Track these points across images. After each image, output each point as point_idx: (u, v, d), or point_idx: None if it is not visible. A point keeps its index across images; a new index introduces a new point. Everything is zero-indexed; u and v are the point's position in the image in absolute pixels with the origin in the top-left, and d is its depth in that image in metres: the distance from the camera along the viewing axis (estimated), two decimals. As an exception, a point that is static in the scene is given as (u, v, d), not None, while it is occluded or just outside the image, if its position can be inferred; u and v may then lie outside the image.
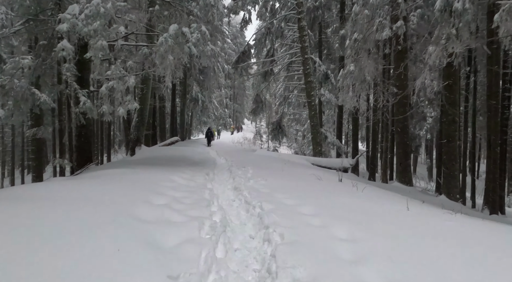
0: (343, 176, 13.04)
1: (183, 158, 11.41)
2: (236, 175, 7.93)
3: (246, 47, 20.10)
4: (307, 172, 8.95)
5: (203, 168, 8.87)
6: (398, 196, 6.51)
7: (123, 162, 9.88)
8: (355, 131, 18.14)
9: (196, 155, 13.30)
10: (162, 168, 7.86)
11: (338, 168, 15.96)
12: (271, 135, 21.28)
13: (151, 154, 12.36)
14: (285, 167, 10.17)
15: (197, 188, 5.78)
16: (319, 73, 19.14)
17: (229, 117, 49.80)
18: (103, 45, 7.05)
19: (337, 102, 20.15)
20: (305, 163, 15.41)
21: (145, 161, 9.52)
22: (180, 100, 26.15)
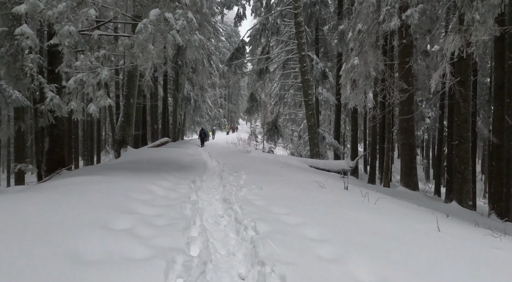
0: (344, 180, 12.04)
1: (170, 160, 10.32)
2: (227, 181, 6.87)
3: (241, 43, 19.04)
4: (307, 178, 7.91)
5: (190, 173, 7.80)
6: (417, 209, 5.49)
7: (102, 166, 8.76)
8: (354, 132, 17.16)
9: (186, 157, 12.21)
10: (143, 174, 6.78)
11: (337, 170, 14.97)
12: (267, 136, 20.23)
13: (136, 157, 11.25)
14: (282, 171, 9.13)
15: (178, 201, 4.71)
16: (316, 71, 18.15)
17: (223, 117, 48.70)
18: (70, 31, 5.95)
19: (335, 101, 19.20)
20: (303, 165, 14.41)
21: (127, 165, 8.43)
22: (172, 100, 25.03)
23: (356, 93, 8.72)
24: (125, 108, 13.03)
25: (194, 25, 7.43)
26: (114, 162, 10.38)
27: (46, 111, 6.95)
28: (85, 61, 6.08)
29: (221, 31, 28.10)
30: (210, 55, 23.66)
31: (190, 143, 24.40)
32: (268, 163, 11.50)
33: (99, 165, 9.26)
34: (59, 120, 7.66)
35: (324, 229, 3.70)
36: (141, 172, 7.09)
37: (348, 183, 7.44)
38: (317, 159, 17.10)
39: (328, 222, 3.98)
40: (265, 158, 14.18)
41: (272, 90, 38.94)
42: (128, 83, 12.90)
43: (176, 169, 8.17)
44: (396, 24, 8.00)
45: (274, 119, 20.28)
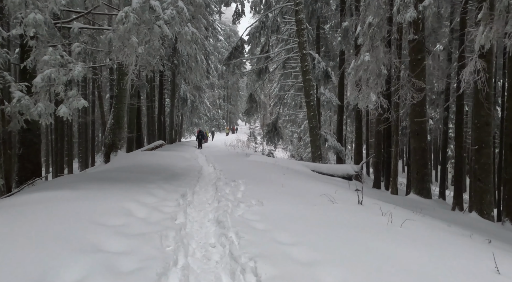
0: (349, 184, 11.07)
1: (162, 167, 9.35)
2: (223, 194, 5.90)
3: (239, 42, 18.08)
4: (313, 188, 6.95)
5: (182, 183, 6.82)
6: (451, 232, 4.52)
7: (82, 176, 7.77)
8: (358, 134, 16.20)
9: (180, 162, 11.24)
10: (126, 186, 5.80)
11: (342, 175, 14.02)
12: (266, 138, 19.27)
13: (126, 162, 10.27)
14: (285, 179, 8.16)
15: (159, 227, 3.74)
16: (318, 70, 17.21)
17: (222, 119, 47.69)
18: (36, 19, 4.98)
19: (338, 102, 18.23)
20: (305, 170, 13.46)
21: (111, 173, 7.45)
22: (170, 101, 24.07)
23: (366, 93, 7.77)
24: (115, 110, 12.05)
25: (186, 15, 6.46)
26: (100, 168, 9.40)
27: (15, 114, 5.98)
28: (54, 56, 5.10)
29: (220, 31, 27.15)
30: (207, 55, 22.70)
31: (187, 145, 23.42)
32: (269, 169, 10.54)
33: (79, 174, 8.27)
34: (33, 124, 6.69)
35: (347, 272, 2.74)
36: (125, 183, 6.11)
37: (358, 192, 6.50)
38: (319, 162, 16.18)
39: (351, 258, 3.02)
40: (265, 162, 13.21)
41: (272, 91, 37.95)
42: (119, 82, 11.93)
43: (166, 178, 7.19)
44: (412, 16, 7.06)
45: (274, 120, 19.32)
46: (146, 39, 6.01)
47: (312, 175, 11.09)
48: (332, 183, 9.65)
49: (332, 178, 12.48)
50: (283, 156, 25.72)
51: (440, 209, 8.97)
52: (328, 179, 11.60)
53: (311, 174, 11.48)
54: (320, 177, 11.66)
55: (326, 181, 10.18)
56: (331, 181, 10.45)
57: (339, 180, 12.52)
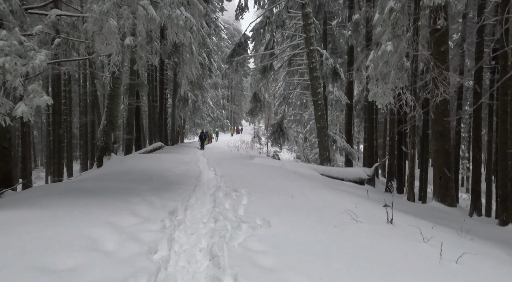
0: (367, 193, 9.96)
1: (156, 173, 8.29)
2: (221, 210, 4.81)
3: (242, 38, 16.99)
4: (329, 199, 5.83)
5: (174, 195, 5.74)
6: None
7: (60, 186, 6.71)
8: (369, 135, 15.03)
9: (178, 166, 10.18)
10: (105, 200, 4.75)
11: (353, 179, 12.89)
12: (271, 139, 18.16)
13: (117, 167, 9.24)
14: (294, 187, 7.07)
15: (127, 269, 2.66)
16: (326, 67, 16.07)
17: (226, 119, 46.67)
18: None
19: (347, 101, 17.09)
20: (314, 174, 12.36)
21: (94, 183, 6.39)
22: (172, 101, 23.05)
23: (387, 88, 6.64)
24: (108, 110, 11.02)
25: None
26: (85, 175, 8.37)
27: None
28: (11, 40, 4.05)
29: (223, 29, 26.12)
30: (210, 53, 21.64)
31: (189, 146, 22.38)
32: (275, 174, 9.44)
33: (57, 185, 7.18)
34: (2, 128, 5.64)
35: None
36: (105, 196, 5.05)
37: (386, 207, 5.40)
38: (328, 164, 15.06)
39: None
40: (271, 165, 12.11)
41: (276, 90, 36.82)
42: (113, 80, 10.90)
43: (157, 189, 6.12)
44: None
45: (280, 121, 18.20)
46: (129, 24, 4.93)
47: (323, 181, 9.97)
48: (348, 190, 8.53)
49: (343, 183, 11.36)
50: (288, 158, 24.60)
51: (477, 223, 7.82)
52: (340, 184, 10.48)
53: (322, 180, 10.37)
54: (331, 182, 10.54)
55: (339, 187, 9.06)
56: (345, 187, 9.33)
57: (351, 185, 11.40)
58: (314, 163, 24.06)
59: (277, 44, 18.69)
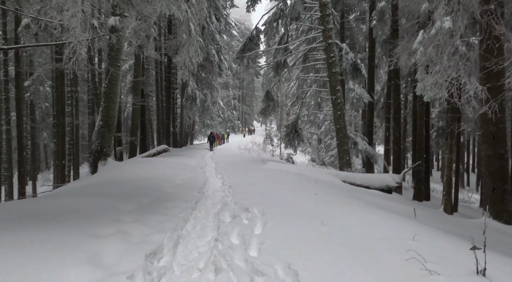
0: (391, 199, 8.36)
1: (154, 182, 6.87)
2: (225, 248, 3.32)
3: (254, 31, 15.52)
4: (373, 227, 4.27)
5: (165, 218, 4.28)
6: None
7: (18, 204, 5.30)
8: (396, 136, 13.32)
9: (181, 173, 8.74)
10: (66, 230, 3.34)
11: (379, 187, 11.25)
12: (285, 141, 16.62)
13: (110, 176, 7.86)
14: (320, 203, 5.54)
15: None
16: (346, 62, 14.48)
17: (237, 120, 45.28)
18: None
19: (369, 99, 15.43)
20: (335, 181, 10.79)
21: (67, 200, 4.98)
22: (180, 101, 21.75)
23: (441, 78, 5.02)
24: (104, 109, 9.67)
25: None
26: (64, 188, 7.00)
27: None
28: None
29: (233, 25, 24.72)
30: (219, 50, 20.24)
31: (197, 148, 21.00)
32: (292, 183, 7.91)
33: (11, 204, 5.72)
34: None
35: None
36: (65, 224, 3.61)
37: (475, 250, 3.81)
38: (348, 169, 13.44)
39: None
40: (286, 171, 10.57)
41: (289, 90, 35.25)
42: (109, 76, 9.54)
43: (145, 209, 4.66)
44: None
45: (294, 121, 16.65)
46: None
47: (348, 191, 8.38)
48: (384, 205, 6.92)
49: (371, 193, 9.75)
50: (302, 160, 22.98)
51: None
52: (368, 194, 8.87)
53: (346, 189, 8.77)
54: (357, 191, 8.94)
55: (370, 198, 7.46)
56: (377, 199, 7.72)
57: (380, 195, 9.78)
58: (330, 166, 22.41)
59: (291, 39, 17.14)
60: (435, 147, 18.53)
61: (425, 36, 5.20)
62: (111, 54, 9.45)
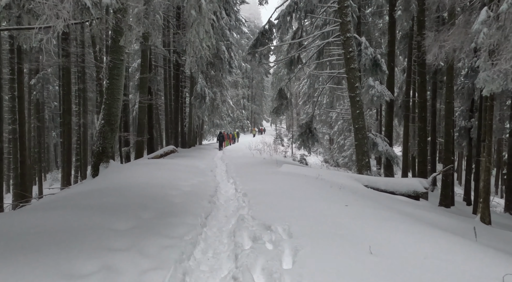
0: (426, 209, 7.33)
1: (157, 190, 5.95)
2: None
3: (267, 25, 14.54)
4: (434, 257, 3.27)
5: (170, 242, 3.33)
6: None
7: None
8: (422, 137, 12.20)
9: (190, 177, 7.82)
10: (49, 259, 2.41)
11: (406, 192, 10.18)
12: (299, 142, 15.61)
13: (111, 181, 6.97)
14: (354, 218, 4.55)
15: None
16: (365, 58, 13.38)
17: (246, 119, 44.34)
18: None
19: (391, 96, 14.31)
20: (356, 185, 9.76)
21: (46, 215, 4.07)
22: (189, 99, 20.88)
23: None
24: (106, 106, 8.80)
25: None
26: (66, 192, 6.10)
27: None
28: None
29: (244, 22, 23.76)
30: (230, 46, 19.29)
31: (207, 148, 20.10)
32: (315, 191, 6.91)
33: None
34: None
35: None
36: (51, 250, 2.69)
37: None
38: (367, 172, 12.39)
39: None
40: (304, 175, 9.58)
41: (300, 89, 34.17)
42: (111, 70, 8.68)
43: (143, 228, 3.72)
44: None
45: (308, 120, 15.62)
46: None
47: (376, 198, 7.35)
48: (426, 218, 5.88)
49: (401, 201, 8.69)
50: (315, 161, 21.91)
51: None
52: (398, 202, 7.81)
53: (374, 196, 7.74)
54: (385, 198, 7.90)
55: (405, 209, 6.42)
56: (411, 209, 6.68)
57: (409, 202, 8.73)
58: (344, 167, 21.33)
59: (305, 34, 16.11)
60: (458, 147, 17.31)
61: (490, 14, 4.16)
62: (113, 46, 8.57)
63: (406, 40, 19.03)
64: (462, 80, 15.35)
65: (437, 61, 9.83)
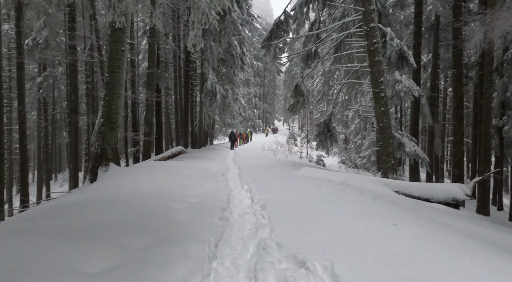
0: (465, 218, 6.07)
1: (162, 200, 4.86)
2: None
3: (282, 16, 13.34)
4: None
5: None
6: None
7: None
8: (458, 137, 10.83)
9: (198, 184, 6.72)
10: None
11: (444, 200, 8.86)
12: (316, 141, 14.38)
13: (110, 187, 5.93)
14: (414, 246, 3.36)
15: None
16: (390, 50, 12.09)
17: (258, 119, 43.17)
18: None
19: (420, 92, 12.96)
20: (386, 191, 8.53)
21: (31, 237, 3.01)
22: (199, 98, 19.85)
23: None
24: (105, 103, 7.75)
25: None
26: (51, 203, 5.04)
27: None
28: None
29: (256, 18, 22.61)
30: (242, 41, 18.17)
31: (218, 149, 19.02)
32: (347, 202, 5.71)
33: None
34: None
35: None
36: None
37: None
38: (393, 175, 11.11)
39: None
40: (327, 180, 8.37)
41: (314, 87, 32.82)
42: (111, 62, 7.64)
43: (136, 263, 2.62)
44: None
45: (327, 119, 14.37)
46: None
47: (423, 212, 6.09)
48: (485, 237, 4.64)
49: (440, 210, 7.42)
50: (331, 162, 20.61)
51: None
52: (443, 213, 6.54)
53: (418, 208, 6.48)
54: (430, 210, 6.63)
55: (467, 227, 5.17)
56: (463, 224, 5.42)
57: (447, 211, 7.45)
58: (362, 168, 20.01)
59: (323, 26, 14.84)
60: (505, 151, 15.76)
61: None
62: (113, 34, 7.53)
63: (430, 32, 17.64)
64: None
65: (479, 50, 8.52)
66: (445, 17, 15.22)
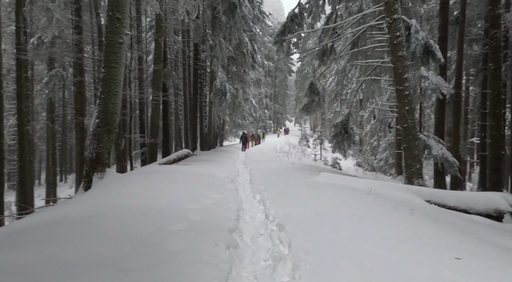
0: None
1: (157, 218, 3.93)
2: None
3: (297, 9, 12.31)
4: None
5: None
6: None
7: None
8: (496, 139, 9.61)
9: (203, 195, 5.76)
10: None
11: (485, 211, 7.69)
12: (333, 143, 13.30)
13: (102, 198, 5.03)
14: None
15: None
16: (415, 43, 10.94)
17: (269, 119, 42.13)
18: None
19: (450, 90, 11.75)
20: (416, 200, 7.45)
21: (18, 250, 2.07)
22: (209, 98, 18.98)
23: None
24: (101, 102, 6.87)
25: None
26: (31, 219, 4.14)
27: None
28: None
29: (267, 15, 21.64)
30: (253, 37, 17.20)
31: (228, 151, 18.08)
32: (382, 218, 4.67)
33: None
34: None
35: None
36: None
37: None
38: (418, 181, 9.98)
39: None
40: (351, 188, 7.32)
41: (327, 86, 31.62)
42: (107, 55, 6.76)
43: None
44: None
45: (344, 120, 13.26)
46: None
47: (476, 233, 5.00)
48: None
49: (482, 223, 6.29)
50: (347, 165, 19.43)
51: None
52: (495, 231, 5.43)
53: (465, 224, 5.38)
54: (469, 224, 5.53)
55: None
56: None
57: (492, 225, 6.31)
58: (379, 171, 18.82)
59: (340, 20, 13.75)
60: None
61: None
62: (109, 25, 6.66)
63: (454, 27, 16.41)
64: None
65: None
66: (472, 10, 13.97)
